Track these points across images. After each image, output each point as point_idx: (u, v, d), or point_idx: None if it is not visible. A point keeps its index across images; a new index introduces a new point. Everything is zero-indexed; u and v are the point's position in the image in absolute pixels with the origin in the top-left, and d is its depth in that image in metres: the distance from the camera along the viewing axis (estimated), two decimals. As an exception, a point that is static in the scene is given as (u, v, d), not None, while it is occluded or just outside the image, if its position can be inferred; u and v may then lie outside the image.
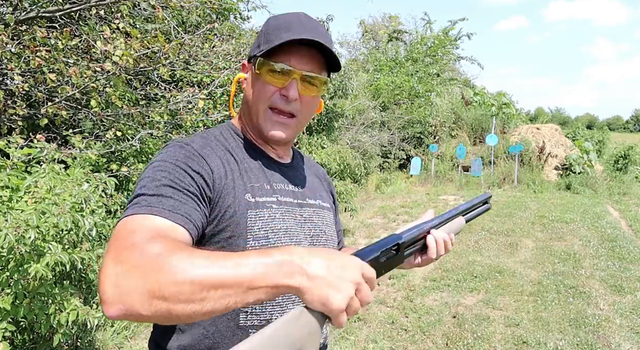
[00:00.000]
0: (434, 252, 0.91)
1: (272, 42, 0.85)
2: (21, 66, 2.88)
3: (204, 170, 0.81)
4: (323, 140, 6.61)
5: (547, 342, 3.30)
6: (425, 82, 13.45)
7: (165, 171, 0.77)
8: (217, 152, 0.87)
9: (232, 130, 0.96)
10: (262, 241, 0.83)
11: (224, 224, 0.81)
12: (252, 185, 0.87)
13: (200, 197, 0.78)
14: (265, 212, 0.86)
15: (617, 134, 45.08)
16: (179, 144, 0.84)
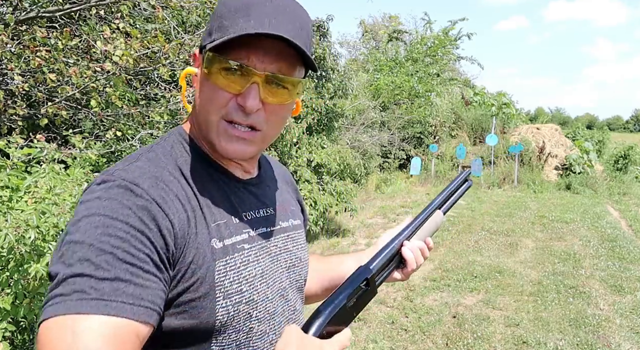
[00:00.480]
0: (414, 264, 0.85)
1: (225, 31, 0.63)
2: (21, 66, 2.88)
3: (164, 226, 0.59)
4: (323, 140, 6.61)
5: (547, 342, 3.30)
6: (425, 82, 13.45)
7: (114, 236, 0.54)
8: (174, 189, 0.64)
9: (184, 142, 0.72)
10: (235, 297, 0.66)
11: (185, 284, 0.62)
12: (218, 224, 0.67)
13: (163, 267, 0.58)
14: (237, 257, 0.68)
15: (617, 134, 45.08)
16: (124, 184, 0.59)
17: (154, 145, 0.71)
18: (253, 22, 0.62)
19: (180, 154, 0.70)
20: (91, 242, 0.54)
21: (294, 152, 5.93)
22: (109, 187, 0.59)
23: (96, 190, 0.59)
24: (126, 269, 0.54)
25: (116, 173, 0.62)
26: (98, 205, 0.57)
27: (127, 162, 0.65)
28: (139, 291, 0.54)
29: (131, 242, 0.55)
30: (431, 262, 5.16)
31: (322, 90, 6.57)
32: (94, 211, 0.57)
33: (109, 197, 0.58)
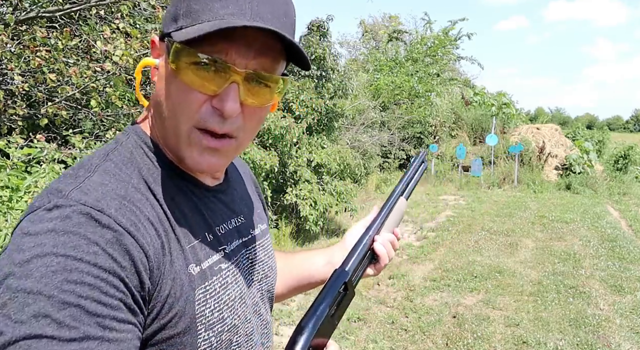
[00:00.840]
0: (386, 259, 0.81)
1: (196, 16, 0.52)
2: (21, 66, 2.88)
3: (139, 260, 0.49)
4: (323, 140, 6.61)
5: (547, 342, 3.30)
6: (425, 82, 13.45)
7: (81, 283, 0.44)
8: (144, 210, 0.53)
9: (145, 146, 0.59)
10: (218, 326, 0.59)
11: (161, 321, 0.53)
12: (193, 245, 0.58)
13: (138, 309, 0.49)
14: (216, 281, 0.60)
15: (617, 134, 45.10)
16: (86, 212, 0.48)
17: (110, 151, 0.57)
18: (232, 8, 0.52)
19: (142, 161, 0.58)
20: (50, 293, 0.42)
21: (294, 152, 5.93)
22: (65, 216, 0.47)
23: (47, 219, 0.47)
24: (97, 323, 0.44)
25: (72, 195, 0.49)
26: (54, 241, 0.45)
27: (81, 177, 0.52)
28: (113, 347, 0.44)
29: (102, 289, 0.45)
30: (431, 262, 5.16)
31: (322, 90, 6.57)
32: (50, 250, 0.44)
33: (68, 231, 0.46)
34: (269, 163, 5.11)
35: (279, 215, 6.05)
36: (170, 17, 0.56)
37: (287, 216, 6.12)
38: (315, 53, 6.34)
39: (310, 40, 6.41)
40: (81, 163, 0.55)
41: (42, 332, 0.41)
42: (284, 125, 5.40)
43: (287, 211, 6.14)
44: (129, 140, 0.59)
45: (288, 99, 6.17)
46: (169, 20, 0.56)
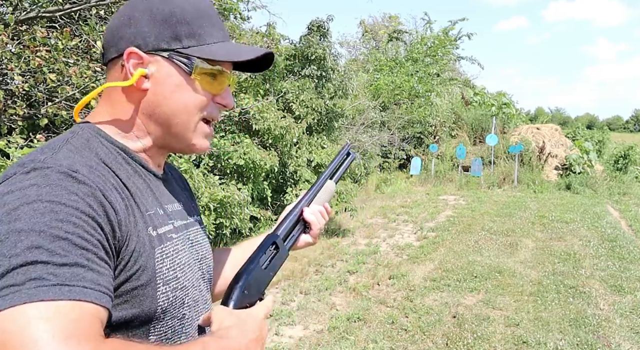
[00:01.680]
0: (317, 225, 0.93)
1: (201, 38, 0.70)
2: (21, 66, 2.88)
3: (111, 213, 0.58)
4: (323, 140, 6.61)
5: (547, 342, 3.30)
6: (425, 82, 13.45)
7: (67, 221, 0.51)
8: (108, 177, 0.63)
9: (100, 136, 0.69)
10: (173, 283, 0.68)
11: (127, 273, 0.60)
12: (149, 213, 0.68)
13: (111, 254, 0.57)
14: (170, 246, 0.70)
15: (617, 134, 45.07)
16: (63, 171, 0.56)
17: (67, 138, 0.66)
18: (222, 34, 0.73)
19: (99, 147, 0.67)
20: (41, 229, 0.50)
21: (294, 152, 5.93)
22: (45, 174, 0.55)
23: (27, 179, 0.54)
24: (82, 254, 0.51)
25: (47, 161, 0.57)
26: (38, 192, 0.52)
27: (49, 152, 0.60)
28: (96, 277, 0.52)
29: (84, 228, 0.53)
30: (431, 262, 5.16)
31: (322, 90, 6.57)
32: (35, 198, 0.52)
33: (50, 184, 0.54)
34: (269, 163, 5.11)
35: (278, 215, 6.04)
36: (169, 36, 0.69)
37: (287, 216, 6.12)
38: (315, 53, 6.34)
39: (310, 40, 6.41)
40: (42, 147, 0.63)
41: (37, 259, 0.48)
42: (284, 125, 5.40)
43: (287, 211, 6.13)
44: (83, 132, 0.68)
45: (288, 99, 6.17)
46: (168, 38, 0.69)
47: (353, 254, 5.49)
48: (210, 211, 4.21)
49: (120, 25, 0.69)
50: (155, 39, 0.68)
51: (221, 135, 5.25)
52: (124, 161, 0.69)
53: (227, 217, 4.38)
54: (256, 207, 5.32)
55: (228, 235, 4.63)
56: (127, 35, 0.68)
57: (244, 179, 5.21)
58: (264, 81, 6.08)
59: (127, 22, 0.69)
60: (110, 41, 0.70)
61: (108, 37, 0.71)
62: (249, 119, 5.37)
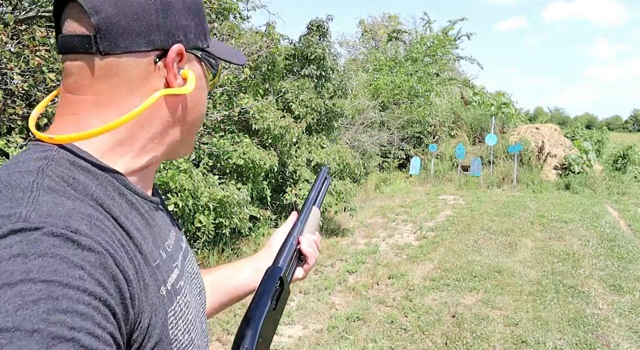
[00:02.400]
0: (313, 257, 0.85)
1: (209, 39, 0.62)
2: (20, 66, 2.88)
3: (123, 286, 0.43)
4: (322, 140, 6.61)
5: (546, 341, 3.30)
6: (424, 81, 13.45)
7: (72, 312, 0.36)
8: (113, 232, 0.46)
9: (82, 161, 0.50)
10: (190, 349, 0.57)
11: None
12: (157, 264, 0.53)
13: (122, 344, 0.43)
14: (180, 300, 0.56)
15: (616, 133, 45.12)
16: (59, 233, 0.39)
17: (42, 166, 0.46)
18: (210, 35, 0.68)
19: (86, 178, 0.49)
20: (34, 327, 0.34)
21: (293, 151, 5.93)
22: (33, 239, 0.38)
23: (5, 246, 0.37)
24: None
25: (31, 217, 0.39)
26: (25, 267, 0.36)
27: (24, 198, 0.41)
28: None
29: (94, 319, 0.38)
30: (430, 262, 5.17)
31: (321, 90, 6.57)
32: (22, 277, 0.35)
33: (42, 253, 0.37)
34: (269, 163, 5.11)
35: (278, 214, 6.05)
36: (202, 31, 0.59)
37: (286, 216, 6.12)
38: (315, 53, 6.34)
39: (309, 40, 6.41)
40: (4, 183, 0.43)
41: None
42: (283, 125, 5.40)
43: (286, 211, 6.14)
44: (59, 155, 0.49)
45: (287, 98, 6.17)
46: (201, 35, 0.59)
47: (352, 253, 5.50)
48: (210, 211, 4.21)
49: (154, 9, 0.52)
50: (195, 36, 0.57)
51: (221, 134, 5.25)
52: (117, 194, 0.52)
53: (227, 217, 4.38)
54: (256, 207, 5.32)
55: (227, 234, 4.64)
56: (165, 25, 0.53)
57: (243, 179, 5.21)
58: (263, 81, 6.08)
59: (164, 7, 0.53)
60: (131, 26, 0.51)
61: (123, 19, 0.50)
62: (248, 118, 5.37)
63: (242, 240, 5.36)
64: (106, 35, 0.50)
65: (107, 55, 0.50)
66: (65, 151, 0.50)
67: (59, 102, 0.54)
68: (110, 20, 0.50)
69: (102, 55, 0.50)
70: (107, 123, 0.51)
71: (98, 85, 0.51)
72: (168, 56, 0.54)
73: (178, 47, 0.54)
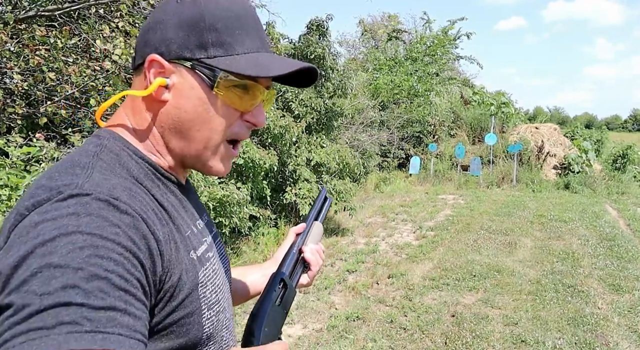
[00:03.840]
0: (316, 264, 0.92)
1: (230, 48, 0.62)
2: (20, 65, 2.88)
3: (153, 246, 0.53)
4: (322, 139, 6.61)
5: (545, 340, 3.31)
6: (424, 81, 13.45)
7: (107, 258, 0.47)
8: (147, 201, 0.58)
9: (128, 150, 0.63)
10: (216, 307, 0.66)
11: (172, 304, 0.57)
12: (188, 235, 0.64)
13: (150, 293, 0.53)
14: (209, 267, 0.67)
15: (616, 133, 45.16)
16: (104, 199, 0.51)
17: (97, 151, 0.60)
18: (258, 43, 0.65)
19: (130, 162, 0.62)
20: (79, 266, 0.44)
21: (293, 151, 5.93)
22: (84, 202, 0.49)
23: (64, 206, 0.48)
24: (120, 296, 0.46)
25: (85, 186, 0.51)
26: (77, 222, 0.47)
27: (81, 174, 0.54)
28: (133, 322, 0.46)
29: (125, 266, 0.48)
30: (430, 261, 5.17)
31: (321, 90, 6.57)
32: (74, 229, 0.46)
33: (90, 213, 0.48)
34: (268, 162, 5.11)
35: (278, 214, 6.05)
36: (195, 44, 0.62)
37: (286, 215, 6.12)
38: (315, 52, 6.34)
39: (309, 39, 6.41)
40: (69, 162, 0.57)
41: (72, 300, 0.43)
42: (283, 124, 5.40)
43: (286, 210, 6.14)
44: (111, 144, 0.62)
45: (287, 98, 6.17)
46: (193, 46, 0.62)
47: (352, 253, 5.50)
48: (210, 210, 4.21)
49: (148, 29, 0.64)
50: (179, 47, 0.61)
51: (220, 134, 5.24)
52: (154, 176, 0.64)
53: (227, 216, 4.38)
54: (255, 206, 5.32)
55: (227, 234, 4.64)
56: (151, 40, 0.63)
57: (243, 178, 5.21)
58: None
59: (154, 26, 0.63)
60: (137, 46, 0.65)
61: (138, 42, 0.66)
62: (248, 118, 5.36)
63: (241, 240, 5.36)
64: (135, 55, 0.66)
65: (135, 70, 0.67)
66: (118, 141, 0.63)
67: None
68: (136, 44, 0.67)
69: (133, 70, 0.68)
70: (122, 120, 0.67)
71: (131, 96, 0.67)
72: (144, 65, 0.63)
73: (150, 57, 0.62)
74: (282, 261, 0.87)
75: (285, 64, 0.64)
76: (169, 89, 0.63)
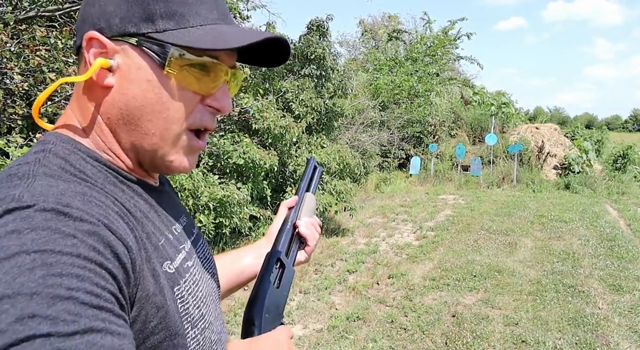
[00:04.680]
0: (313, 239, 0.87)
1: (183, 19, 0.53)
2: (21, 65, 2.88)
3: (122, 252, 0.44)
4: (322, 139, 6.61)
5: (546, 341, 3.30)
6: (424, 81, 13.45)
7: (67, 275, 0.38)
8: (109, 204, 0.49)
9: (80, 152, 0.53)
10: (200, 324, 0.57)
11: (151, 324, 0.49)
12: (162, 244, 0.55)
13: (127, 307, 0.44)
14: (189, 278, 0.57)
15: (616, 133, 45.13)
16: (50, 207, 0.41)
17: (38, 158, 0.49)
18: (215, 13, 0.55)
19: (83, 165, 0.51)
20: (32, 291, 0.36)
21: (293, 151, 5.93)
22: (26, 215, 0.40)
23: (1, 225, 0.39)
24: (95, 315, 0.38)
25: (24, 197, 0.42)
26: (19, 241, 0.38)
27: (21, 184, 0.44)
28: (118, 341, 0.38)
29: (92, 279, 0.39)
30: (430, 262, 5.17)
31: (321, 90, 6.57)
32: (16, 250, 0.37)
33: (34, 227, 0.39)
34: (269, 162, 5.11)
35: (278, 214, 6.04)
36: (140, 16, 0.51)
37: (286, 215, 6.12)
38: (315, 52, 6.34)
39: (309, 39, 6.41)
40: (5, 174, 0.47)
41: (34, 332, 0.34)
42: (283, 124, 5.40)
43: (286, 210, 6.13)
44: (58, 148, 0.51)
45: (288, 98, 6.17)
46: (138, 19, 0.51)
47: (352, 253, 5.50)
48: (210, 210, 4.21)
49: (86, 3, 0.54)
50: (121, 21, 0.51)
51: (220, 134, 5.25)
52: (117, 181, 0.54)
53: (227, 217, 4.38)
54: (256, 207, 5.32)
55: (228, 234, 4.64)
56: (90, 16, 0.53)
57: (243, 178, 5.21)
58: (263, 80, 6.08)
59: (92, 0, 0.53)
60: (77, 24, 0.55)
61: (77, 20, 0.55)
62: (248, 118, 5.37)
63: (242, 240, 5.36)
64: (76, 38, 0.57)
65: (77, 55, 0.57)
66: (65, 142, 0.53)
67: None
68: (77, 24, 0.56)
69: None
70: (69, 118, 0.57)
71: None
72: (82, 45, 0.53)
73: (87, 35, 0.52)
74: (277, 238, 0.81)
75: (249, 34, 0.54)
76: (112, 71, 0.52)
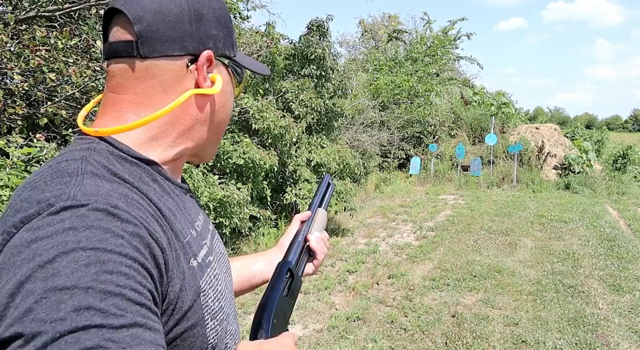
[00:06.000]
0: (322, 253, 0.92)
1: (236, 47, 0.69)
2: (21, 65, 2.88)
3: (157, 254, 0.50)
4: (322, 139, 6.61)
5: (546, 341, 3.30)
6: (424, 81, 13.45)
7: (117, 272, 0.43)
8: (146, 207, 0.54)
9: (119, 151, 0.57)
10: (219, 315, 0.62)
11: (177, 316, 0.54)
12: (188, 240, 0.60)
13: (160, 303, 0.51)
14: (210, 272, 0.63)
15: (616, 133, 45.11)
16: (102, 208, 0.47)
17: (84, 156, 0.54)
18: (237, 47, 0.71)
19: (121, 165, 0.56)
20: (87, 285, 0.41)
21: (293, 151, 5.93)
22: (80, 214, 0.45)
23: (58, 221, 0.44)
24: (139, 311, 0.43)
25: (78, 196, 0.47)
26: (76, 237, 0.43)
27: (72, 182, 0.49)
28: (155, 336, 0.44)
29: (136, 278, 0.45)
30: (430, 262, 5.17)
31: (321, 90, 6.57)
32: (74, 246, 0.43)
33: (89, 226, 0.44)
34: (269, 162, 5.11)
35: (278, 214, 6.05)
36: (231, 43, 0.66)
37: (286, 215, 6.13)
38: (315, 53, 6.34)
39: (309, 39, 6.41)
40: (54, 169, 0.52)
41: (89, 322, 0.39)
42: (283, 124, 5.40)
43: (286, 210, 6.14)
44: (100, 146, 0.57)
45: (288, 98, 6.17)
46: (230, 45, 0.66)
47: (352, 253, 5.50)
48: (210, 210, 4.21)
49: (187, 20, 0.60)
50: (224, 45, 0.64)
51: (221, 134, 5.25)
52: (150, 179, 0.59)
53: (227, 217, 4.38)
54: (256, 207, 5.32)
55: (228, 234, 4.64)
56: (197, 33, 0.60)
57: (243, 179, 5.21)
58: (263, 81, 6.08)
59: (197, 18, 0.60)
60: (167, 33, 0.58)
61: (161, 27, 0.58)
62: (248, 118, 5.37)
63: (242, 240, 5.36)
64: (146, 41, 0.57)
65: (146, 58, 0.58)
66: (106, 143, 0.57)
67: (103, 101, 0.63)
68: (150, 28, 0.57)
69: (142, 58, 0.58)
70: (143, 118, 0.58)
71: (137, 85, 0.59)
72: (199, 61, 0.61)
73: (208, 53, 0.61)
74: (288, 250, 0.87)
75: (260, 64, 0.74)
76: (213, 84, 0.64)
